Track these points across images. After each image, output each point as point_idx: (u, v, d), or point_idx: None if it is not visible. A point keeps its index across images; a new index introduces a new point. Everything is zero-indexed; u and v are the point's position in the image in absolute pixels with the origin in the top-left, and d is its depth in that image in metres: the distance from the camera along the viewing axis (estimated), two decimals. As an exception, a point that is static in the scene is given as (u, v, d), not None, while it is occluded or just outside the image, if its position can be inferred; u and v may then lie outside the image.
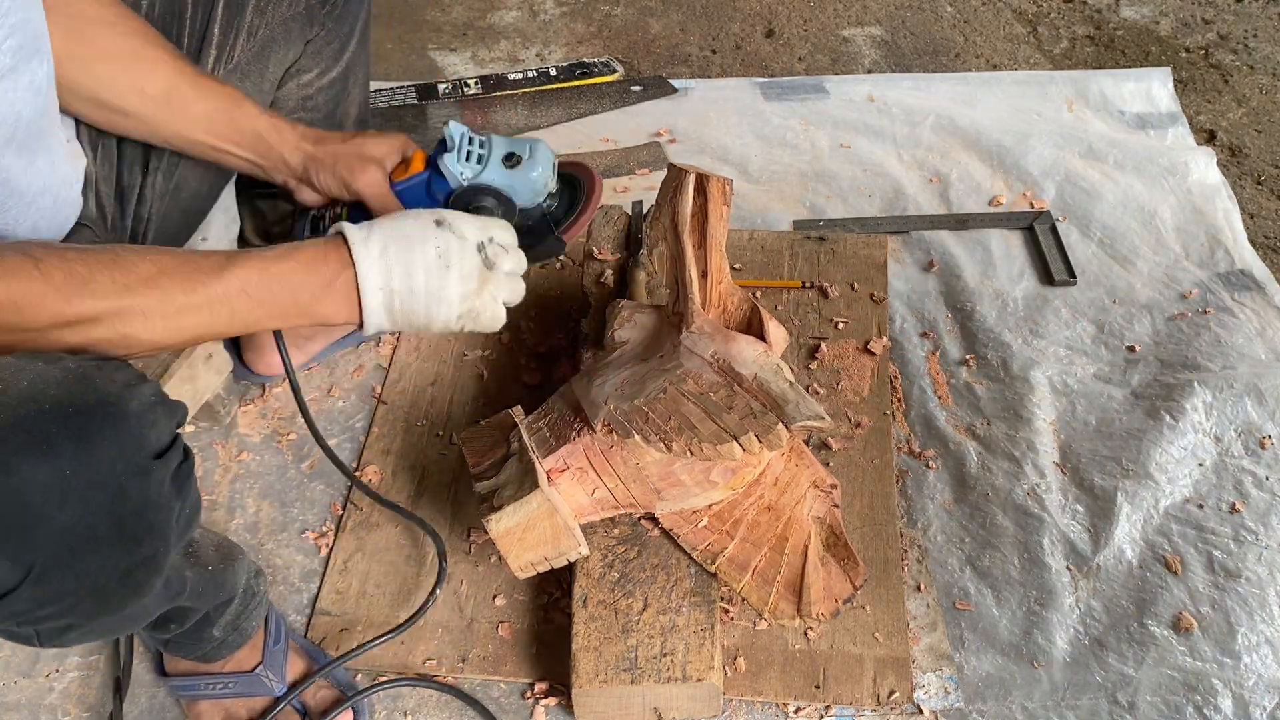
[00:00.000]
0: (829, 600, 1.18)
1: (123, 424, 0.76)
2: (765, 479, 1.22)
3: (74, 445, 0.73)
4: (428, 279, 0.93)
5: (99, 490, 0.74)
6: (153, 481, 0.77)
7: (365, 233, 0.93)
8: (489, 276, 0.97)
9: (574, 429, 1.17)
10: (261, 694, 1.12)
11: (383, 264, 0.92)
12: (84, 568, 0.75)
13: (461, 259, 0.95)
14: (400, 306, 0.94)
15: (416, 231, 0.94)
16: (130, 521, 0.76)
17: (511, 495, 1.10)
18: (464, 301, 0.96)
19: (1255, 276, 1.58)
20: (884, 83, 2.01)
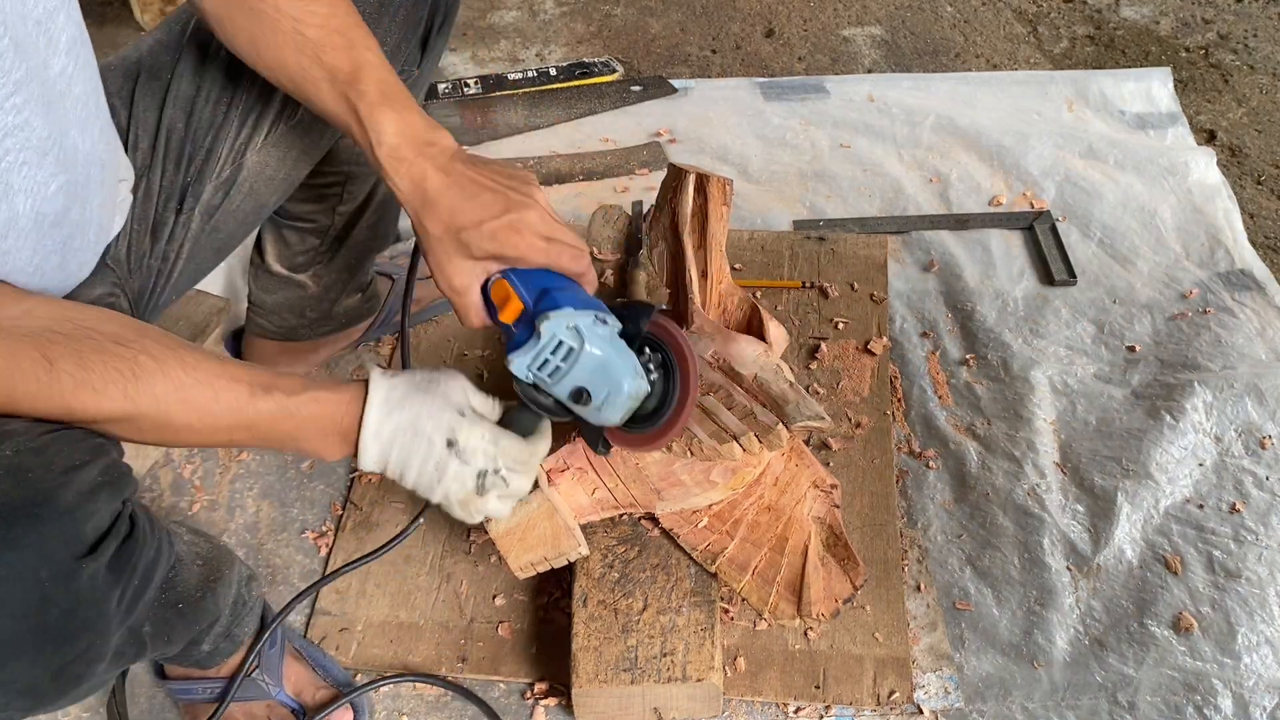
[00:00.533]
0: (829, 600, 1.18)
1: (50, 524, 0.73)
2: (765, 479, 1.22)
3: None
4: (418, 480, 0.94)
5: (18, 600, 0.71)
6: (82, 580, 0.74)
7: (384, 414, 0.91)
8: (474, 500, 0.96)
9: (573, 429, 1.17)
10: (258, 697, 1.12)
11: (383, 452, 0.92)
12: (6, 675, 0.73)
13: (455, 481, 0.94)
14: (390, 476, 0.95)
15: (425, 438, 0.92)
16: (55, 626, 0.74)
17: (511, 495, 1.10)
18: (446, 504, 0.96)
19: (1255, 276, 1.58)
20: (884, 83, 2.01)
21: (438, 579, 1.27)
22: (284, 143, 1.13)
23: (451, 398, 0.94)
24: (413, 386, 0.93)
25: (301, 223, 1.31)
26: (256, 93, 1.09)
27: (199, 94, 1.08)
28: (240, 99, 1.09)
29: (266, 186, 1.16)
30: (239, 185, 1.13)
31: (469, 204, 0.95)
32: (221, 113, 1.09)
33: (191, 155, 1.09)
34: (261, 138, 1.11)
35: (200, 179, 1.10)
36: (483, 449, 0.94)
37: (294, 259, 1.35)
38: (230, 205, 1.13)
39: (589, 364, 0.94)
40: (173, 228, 1.10)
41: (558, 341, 0.94)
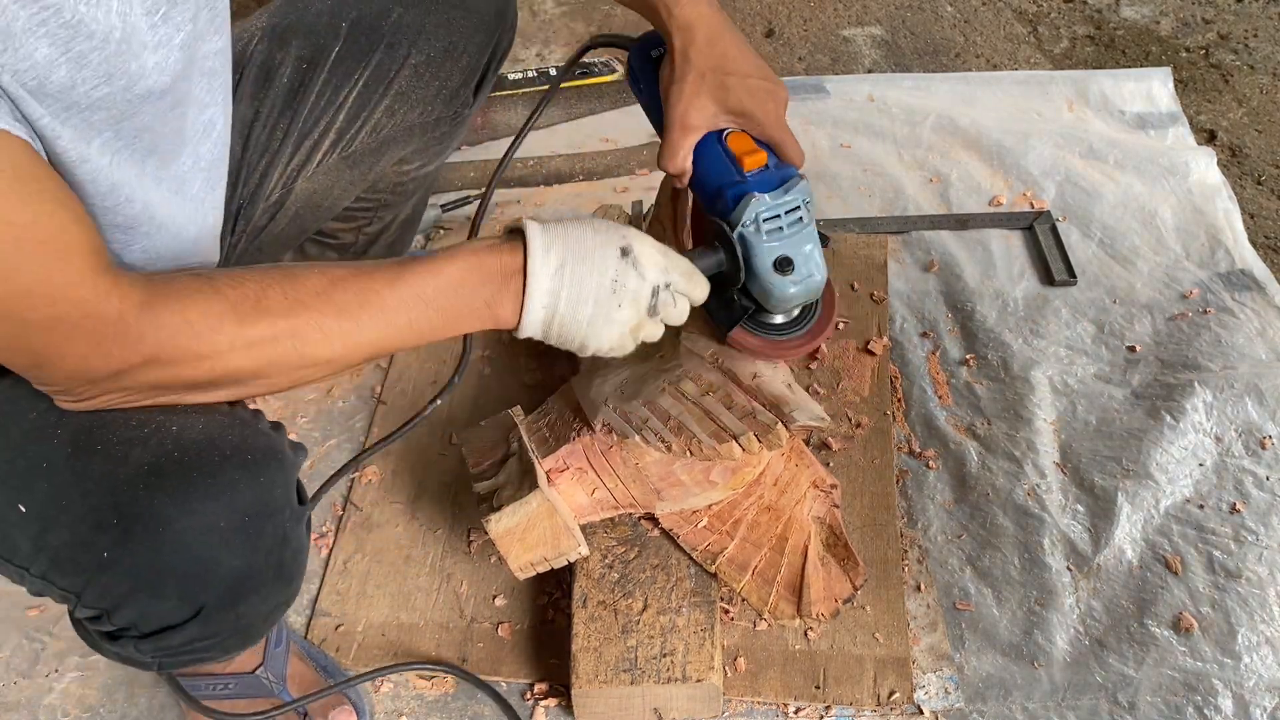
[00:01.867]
0: (829, 600, 1.18)
1: (287, 470, 0.79)
2: (765, 479, 1.22)
3: (254, 492, 0.75)
4: (594, 310, 0.87)
5: (270, 537, 0.77)
6: (303, 525, 0.81)
7: (548, 240, 0.85)
8: (648, 323, 0.92)
9: (573, 429, 1.17)
10: (262, 695, 1.12)
11: (555, 283, 0.85)
12: (244, 608, 0.79)
13: (635, 300, 0.88)
14: (558, 327, 0.88)
15: (599, 255, 0.86)
16: (288, 565, 0.80)
17: (511, 495, 1.10)
18: (620, 338, 0.91)
19: (1255, 276, 1.57)
20: (884, 83, 2.01)
21: (438, 579, 1.27)
22: (335, 172, 1.14)
23: (611, 221, 0.91)
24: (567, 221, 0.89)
25: (325, 238, 1.32)
26: (313, 121, 1.10)
27: (257, 118, 1.09)
28: (297, 126, 1.10)
29: (312, 212, 1.17)
30: (286, 209, 1.14)
31: (742, 56, 0.96)
32: (278, 138, 1.10)
33: (246, 179, 1.10)
34: (314, 166, 1.12)
35: (252, 201, 1.11)
36: (654, 258, 0.89)
37: None
38: (275, 228, 1.15)
39: (806, 241, 0.97)
40: (224, 250, 1.11)
41: (797, 205, 0.96)
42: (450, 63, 1.13)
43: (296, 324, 0.77)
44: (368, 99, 1.11)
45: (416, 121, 1.15)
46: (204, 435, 0.76)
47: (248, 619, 0.80)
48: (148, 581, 0.75)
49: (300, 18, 1.09)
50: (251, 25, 1.11)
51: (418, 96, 1.13)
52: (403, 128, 1.15)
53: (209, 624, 0.78)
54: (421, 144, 1.20)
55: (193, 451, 0.74)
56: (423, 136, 1.18)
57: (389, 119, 1.13)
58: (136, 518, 0.72)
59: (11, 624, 1.26)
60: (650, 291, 0.89)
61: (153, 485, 0.73)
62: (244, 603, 0.78)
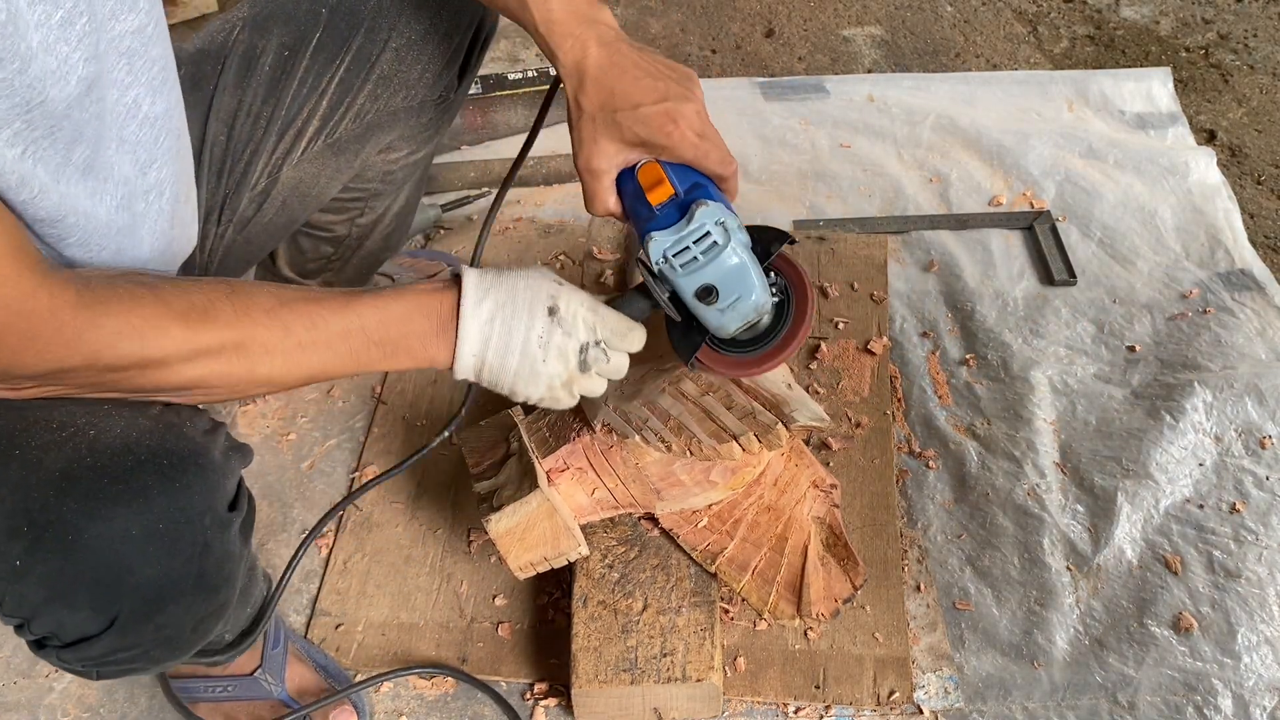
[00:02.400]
0: (829, 600, 1.18)
1: (210, 475, 0.77)
2: (765, 479, 1.22)
3: (167, 498, 0.73)
4: (520, 362, 0.90)
5: (187, 543, 0.75)
6: (231, 532, 0.79)
7: (481, 291, 0.88)
8: (578, 378, 0.93)
9: (573, 429, 1.17)
10: (260, 697, 1.12)
11: (484, 333, 0.89)
12: (163, 619, 0.77)
13: (561, 355, 0.91)
14: (488, 374, 0.91)
15: (527, 310, 0.90)
16: (210, 574, 0.78)
17: (511, 495, 1.10)
18: (549, 390, 0.93)
19: (1255, 276, 1.57)
20: (884, 83, 2.01)
21: (438, 579, 1.27)
22: (320, 159, 1.13)
23: (546, 274, 0.93)
24: (502, 270, 0.91)
25: (319, 231, 1.31)
26: (296, 108, 1.10)
27: (240, 108, 1.08)
28: (280, 114, 1.09)
29: (299, 201, 1.16)
30: (273, 198, 1.13)
31: (628, 86, 0.94)
32: (261, 127, 1.09)
33: (231, 168, 1.10)
34: (299, 154, 1.12)
35: (238, 191, 1.11)
36: (584, 316, 0.92)
37: (305, 265, 1.35)
38: (263, 218, 1.14)
39: (726, 264, 0.93)
40: (211, 240, 1.11)
41: (705, 232, 0.93)
42: (432, 45, 1.13)
43: (243, 338, 0.77)
44: (350, 84, 1.11)
45: (401, 106, 1.15)
46: (120, 440, 0.74)
47: (169, 629, 0.78)
48: (60, 590, 0.73)
49: (281, 6, 1.08)
50: (234, 15, 1.10)
51: (400, 80, 1.13)
52: (387, 113, 1.15)
53: (126, 634, 0.76)
54: (408, 130, 1.19)
55: (105, 457, 0.73)
56: (408, 122, 1.18)
57: (372, 104, 1.13)
58: (47, 525, 0.71)
59: (11, 624, 1.26)
60: (578, 349, 0.92)
61: (64, 491, 0.71)
62: (162, 613, 0.76)
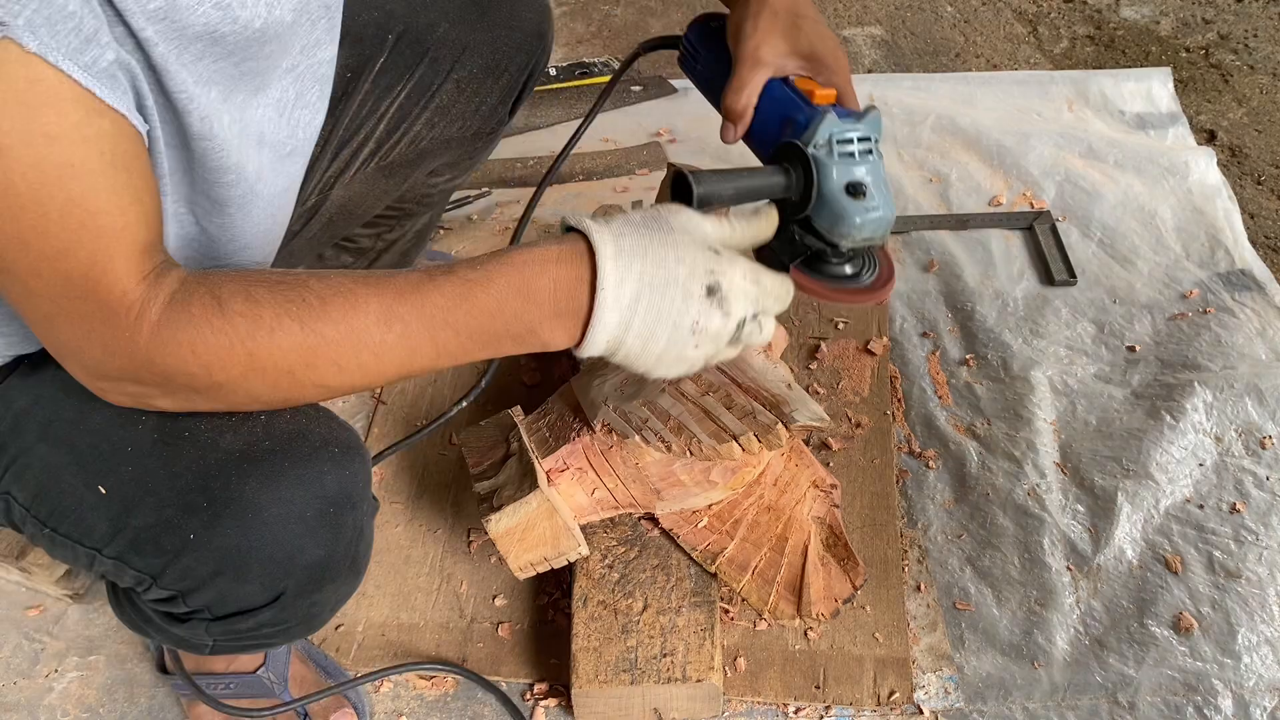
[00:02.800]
0: (829, 600, 1.18)
1: (368, 463, 0.80)
2: (765, 479, 1.22)
3: (339, 483, 0.76)
4: (666, 347, 0.76)
5: (349, 527, 0.78)
6: (373, 520, 0.83)
7: (622, 266, 0.74)
8: (724, 352, 0.80)
9: (573, 429, 1.17)
10: (263, 695, 1.12)
11: (625, 319, 0.74)
12: (320, 596, 0.80)
13: (714, 339, 0.78)
14: (621, 357, 0.78)
15: (681, 292, 0.75)
16: (361, 558, 0.82)
17: (511, 495, 1.10)
18: (690, 369, 0.79)
19: (1255, 276, 1.57)
20: (884, 83, 2.01)
21: (438, 580, 1.27)
22: (370, 180, 1.15)
23: (693, 230, 0.77)
24: (641, 227, 0.76)
25: (345, 243, 1.32)
26: (354, 129, 1.11)
27: None
28: (337, 134, 1.11)
29: (344, 218, 1.18)
30: (320, 215, 1.15)
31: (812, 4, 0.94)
32: (319, 145, 1.10)
33: None
34: (351, 173, 1.13)
35: None
36: (745, 290, 0.78)
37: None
38: (308, 233, 1.16)
39: (877, 165, 0.91)
40: None
41: (869, 136, 0.91)
42: (491, 80, 1.15)
43: (308, 352, 0.71)
44: (408, 111, 1.13)
45: (454, 135, 1.17)
46: (293, 425, 0.77)
47: (319, 607, 0.82)
48: (233, 565, 0.76)
49: (348, 27, 1.08)
50: None
51: (457, 111, 1.15)
52: (440, 141, 1.16)
53: (285, 610, 0.80)
54: (455, 157, 1.21)
55: (283, 440, 0.76)
56: (458, 150, 1.20)
57: (428, 131, 1.15)
58: (227, 502, 0.74)
59: (11, 624, 1.26)
60: (735, 327, 0.78)
61: (244, 471, 0.74)
62: (320, 591, 0.80)
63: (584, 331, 0.75)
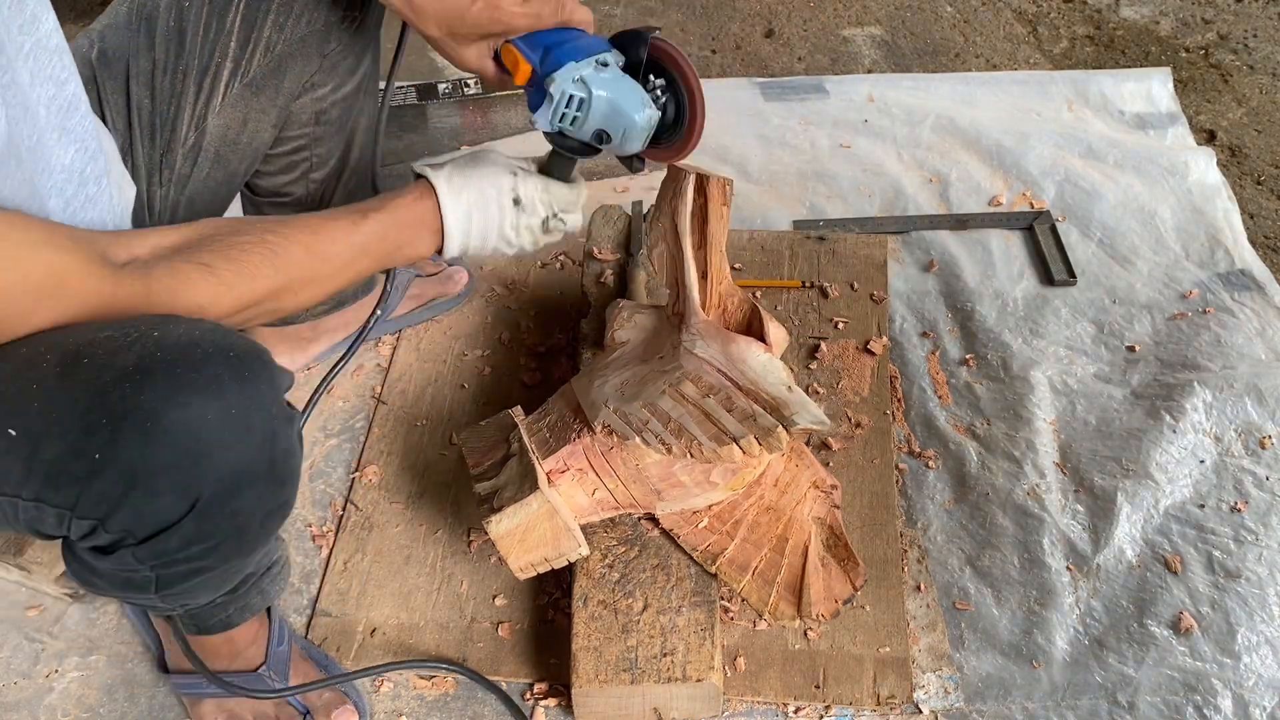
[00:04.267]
0: (829, 601, 1.18)
1: (273, 370, 0.82)
2: (765, 480, 1.22)
3: (238, 386, 0.78)
4: (498, 243, 1.09)
5: (259, 432, 0.80)
6: (293, 429, 0.84)
7: (454, 199, 1.05)
8: (543, 237, 1.12)
9: (574, 430, 1.17)
10: (266, 695, 1.12)
11: (465, 229, 1.06)
12: (239, 505, 0.81)
13: (528, 232, 1.10)
14: (473, 254, 1.09)
15: (496, 205, 1.07)
16: (279, 464, 0.83)
17: (511, 497, 1.10)
18: (520, 251, 1.12)
19: (1255, 276, 1.57)
20: (884, 83, 2.01)
21: (438, 579, 1.27)
22: (241, 102, 1.17)
23: (498, 162, 1.10)
24: (463, 166, 1.07)
25: (278, 197, 1.32)
26: (207, 56, 1.13)
27: (156, 67, 1.12)
28: (193, 65, 1.13)
29: (233, 152, 1.19)
30: (205, 151, 1.17)
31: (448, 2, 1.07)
32: (179, 81, 1.13)
33: (160, 127, 1.13)
34: (219, 100, 1.15)
35: (170, 150, 1.15)
36: (540, 198, 1.10)
37: None
38: (200, 174, 1.17)
39: (600, 108, 1.07)
40: (158, 203, 1.15)
41: (568, 96, 1.06)
42: None
43: (277, 289, 0.92)
44: (252, 19, 1.14)
45: (306, 32, 1.17)
46: (186, 337, 0.79)
47: (244, 516, 0.82)
48: (141, 478, 0.76)
49: None
50: None
51: (301, 5, 1.15)
52: (295, 41, 1.17)
53: (206, 520, 0.79)
54: (325, 62, 1.20)
55: (176, 350, 0.77)
56: (320, 49, 1.19)
57: (279, 34, 1.15)
58: (125, 415, 0.74)
59: (11, 624, 1.26)
60: (540, 223, 1.11)
61: (139, 383, 0.75)
62: (239, 497, 0.80)
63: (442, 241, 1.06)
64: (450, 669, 1.18)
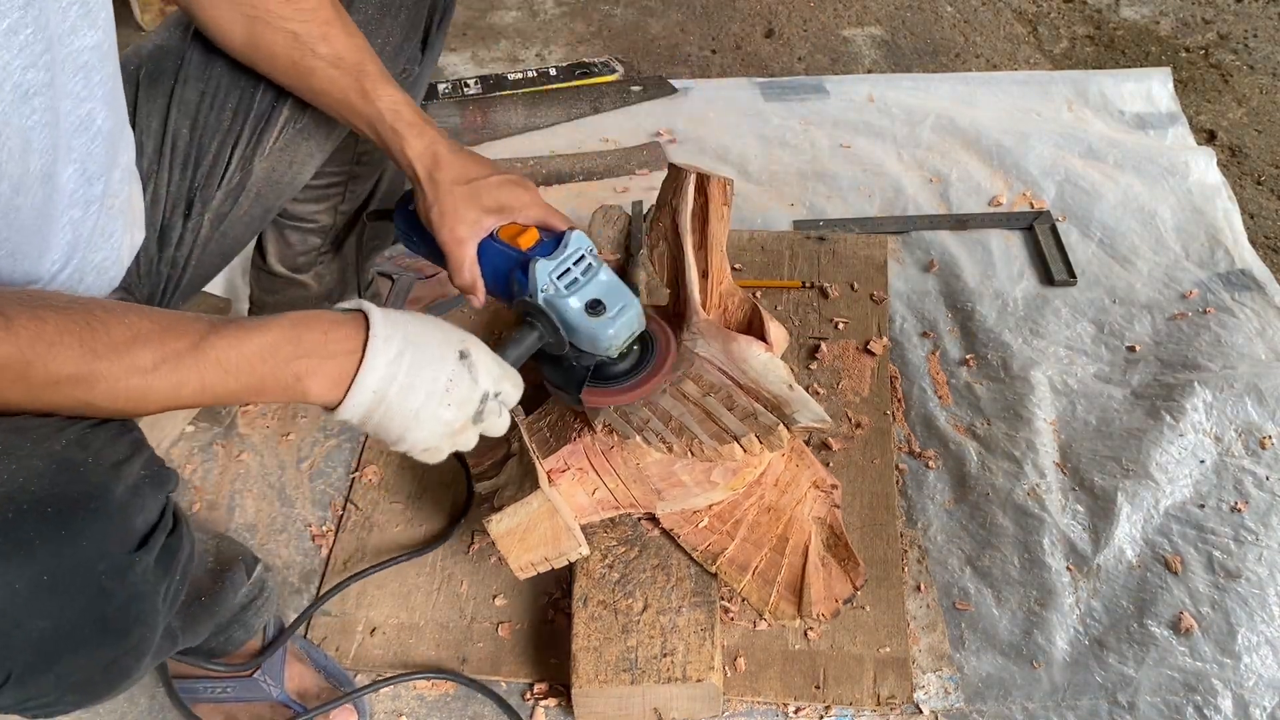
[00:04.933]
0: (830, 600, 1.18)
1: (105, 519, 0.73)
2: (766, 479, 1.22)
3: (52, 548, 0.70)
4: (424, 403, 0.86)
5: (78, 593, 0.71)
6: (136, 573, 0.75)
7: (389, 329, 0.84)
8: (468, 429, 0.91)
9: (574, 429, 1.17)
10: (260, 698, 1.12)
11: (391, 369, 0.84)
12: (63, 669, 0.73)
13: (463, 403, 0.88)
14: (381, 414, 0.85)
15: (437, 352, 0.87)
16: (114, 619, 0.74)
17: (512, 496, 1.10)
18: (440, 438, 0.89)
19: (1255, 276, 1.58)
20: (884, 83, 2.01)
21: (438, 579, 1.27)
22: (291, 147, 1.14)
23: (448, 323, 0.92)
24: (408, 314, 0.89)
25: (304, 223, 1.31)
26: (263, 97, 1.10)
27: (203, 99, 1.09)
28: (245, 104, 1.10)
29: (273, 190, 1.16)
30: (248, 191, 1.13)
31: (477, 165, 1.07)
32: (228, 119, 1.10)
33: (198, 160, 1.10)
34: (270, 143, 1.12)
35: (208, 185, 1.11)
36: (489, 365, 0.91)
37: (296, 259, 1.35)
38: (239, 211, 1.14)
39: (605, 278, 1.05)
40: (181, 233, 1.11)
41: (580, 254, 1.04)
42: (389, 19, 1.15)
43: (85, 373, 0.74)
44: None
45: None
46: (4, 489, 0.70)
47: (75, 676, 0.75)
48: None
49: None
50: None
51: None
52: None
53: (25, 687, 0.73)
54: None
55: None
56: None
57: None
58: None
59: (12, 624, 1.25)
60: (480, 398, 0.89)
61: None
62: (59, 664, 0.73)
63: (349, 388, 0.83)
64: (448, 678, 1.18)
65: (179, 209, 1.10)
